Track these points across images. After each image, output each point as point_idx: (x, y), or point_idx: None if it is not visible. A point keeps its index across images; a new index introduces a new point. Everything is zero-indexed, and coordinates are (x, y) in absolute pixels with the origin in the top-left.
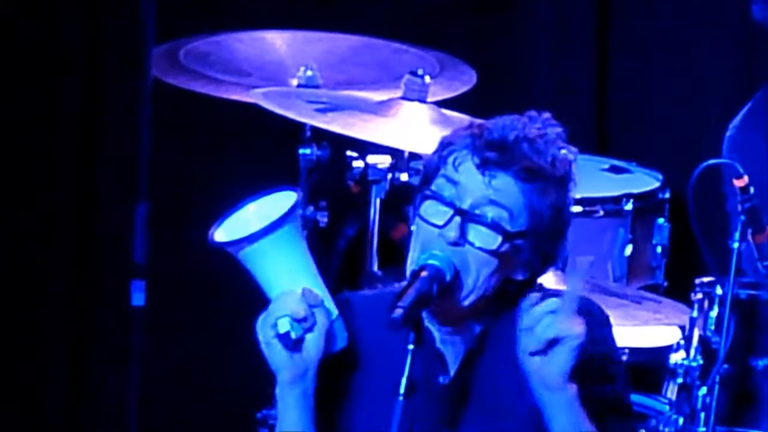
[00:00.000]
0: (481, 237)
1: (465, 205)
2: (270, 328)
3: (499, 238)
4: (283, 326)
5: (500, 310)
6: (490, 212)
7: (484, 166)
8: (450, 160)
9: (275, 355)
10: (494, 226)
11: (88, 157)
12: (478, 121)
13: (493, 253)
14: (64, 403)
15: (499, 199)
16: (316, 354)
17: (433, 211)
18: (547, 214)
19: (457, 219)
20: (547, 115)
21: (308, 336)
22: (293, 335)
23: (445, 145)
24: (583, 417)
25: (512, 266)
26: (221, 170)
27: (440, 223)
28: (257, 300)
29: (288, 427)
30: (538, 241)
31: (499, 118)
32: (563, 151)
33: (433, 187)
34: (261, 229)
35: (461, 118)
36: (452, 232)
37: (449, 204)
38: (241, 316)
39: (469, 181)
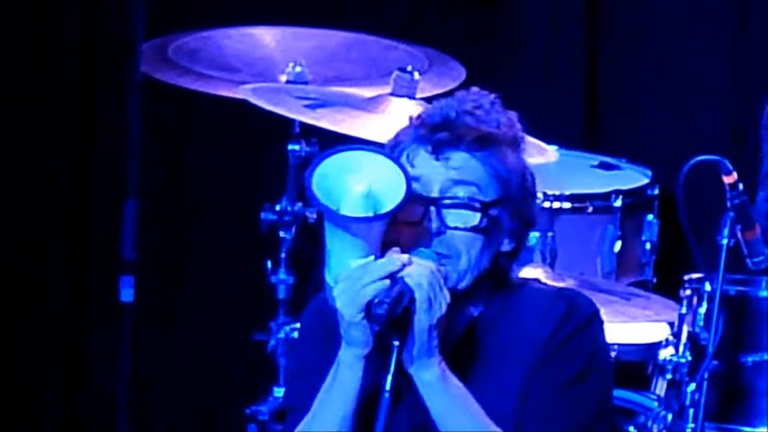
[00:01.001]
0: (460, 218)
1: (434, 194)
2: (357, 309)
3: (478, 215)
4: (378, 308)
5: (493, 289)
6: (460, 192)
7: (437, 150)
8: (402, 159)
9: (359, 333)
10: (469, 203)
11: (77, 153)
12: (416, 113)
13: (476, 229)
14: (55, 399)
15: (462, 177)
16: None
17: (405, 211)
18: (513, 176)
19: (433, 209)
20: (475, 88)
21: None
22: (383, 315)
23: (393, 146)
24: (460, 402)
25: (497, 238)
26: (210, 166)
27: (417, 219)
28: (247, 297)
29: (343, 388)
30: (512, 205)
31: (434, 102)
32: (504, 116)
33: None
34: (367, 218)
35: (421, 111)
36: (433, 223)
37: (419, 198)
38: (231, 312)
39: (429, 170)
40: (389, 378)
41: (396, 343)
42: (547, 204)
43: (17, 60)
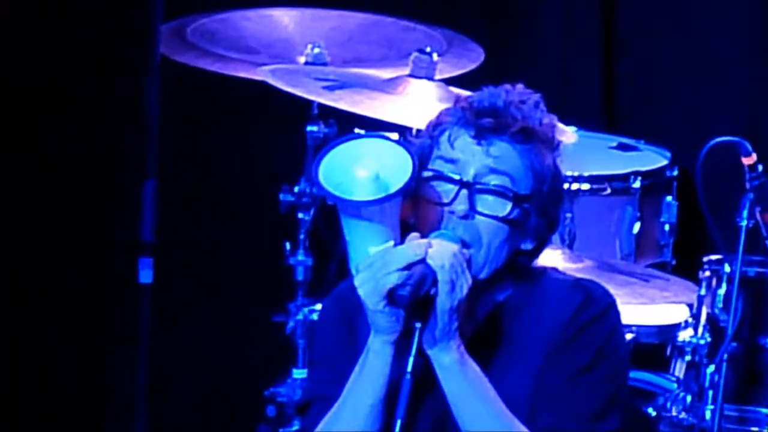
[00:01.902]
0: (490, 206)
1: (468, 178)
2: (380, 297)
3: (509, 204)
4: (401, 290)
5: (515, 283)
6: (494, 180)
7: (479, 135)
8: (443, 139)
9: (384, 320)
10: (502, 192)
11: (96, 134)
12: (463, 96)
13: (504, 219)
14: (74, 381)
15: (499, 167)
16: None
17: (435, 191)
18: (547, 175)
19: (464, 192)
20: (520, 85)
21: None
22: (405, 297)
23: (434, 126)
24: (477, 386)
25: (521, 234)
26: (229, 147)
27: (447, 200)
28: (265, 278)
29: (372, 375)
30: (542, 203)
31: (483, 89)
32: (546, 117)
33: (430, 167)
34: (375, 200)
35: (469, 95)
36: (461, 206)
37: (453, 180)
38: (250, 293)
39: (468, 153)
40: (411, 360)
41: (418, 325)
42: (565, 185)
43: (36, 42)
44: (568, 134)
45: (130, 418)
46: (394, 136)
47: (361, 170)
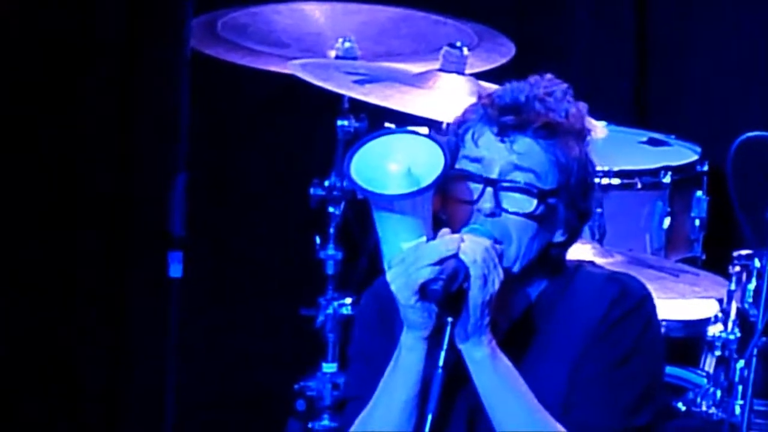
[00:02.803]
0: (516, 203)
1: (493, 175)
2: (412, 292)
3: (534, 201)
4: (433, 284)
5: (548, 276)
6: (519, 177)
7: (502, 132)
8: (468, 137)
9: (417, 316)
10: (527, 189)
11: (127, 128)
12: (486, 92)
13: (530, 216)
14: (102, 375)
15: (524, 163)
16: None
17: (461, 189)
18: (574, 167)
19: (489, 190)
20: (549, 75)
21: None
22: (438, 292)
23: (459, 124)
24: (509, 381)
25: (551, 227)
26: (259, 141)
27: (472, 199)
28: (295, 272)
29: (406, 371)
30: (570, 196)
31: (505, 85)
32: (574, 107)
33: (456, 167)
34: (408, 193)
35: (493, 90)
36: (487, 204)
37: (478, 178)
38: (280, 287)
39: (492, 151)
40: (442, 354)
41: (449, 319)
42: (595, 180)
43: (67, 35)
44: (598, 129)
45: (158, 412)
46: (424, 130)
47: (392, 165)
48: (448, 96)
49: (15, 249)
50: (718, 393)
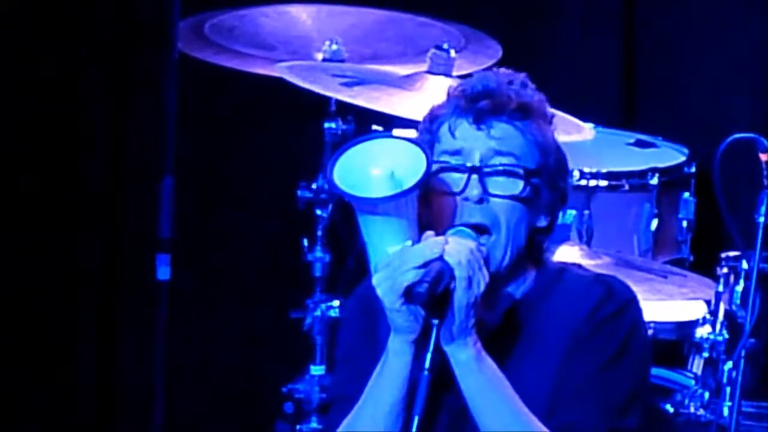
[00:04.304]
0: (502, 186)
1: (476, 163)
2: (397, 295)
3: (520, 182)
4: (418, 287)
5: (532, 272)
6: (501, 161)
7: (479, 119)
8: (443, 131)
9: (403, 319)
10: (512, 171)
11: (114, 130)
12: (453, 87)
13: (518, 198)
14: (92, 377)
15: (503, 147)
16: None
17: (445, 183)
18: (550, 147)
19: (475, 177)
20: (503, 69)
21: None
22: (423, 294)
23: (431, 121)
24: (493, 383)
25: (536, 210)
26: (246, 144)
27: (459, 188)
28: (283, 274)
29: (393, 374)
30: (551, 176)
31: (470, 77)
32: (537, 93)
33: (436, 161)
34: (391, 195)
35: (458, 84)
36: (475, 190)
37: (461, 168)
38: (268, 290)
39: (470, 140)
40: (428, 356)
41: (435, 321)
42: (583, 182)
43: (53, 38)
44: (585, 130)
45: (147, 414)
46: (411, 133)
47: (375, 169)
48: (436, 98)
49: (1, 252)
50: (706, 395)
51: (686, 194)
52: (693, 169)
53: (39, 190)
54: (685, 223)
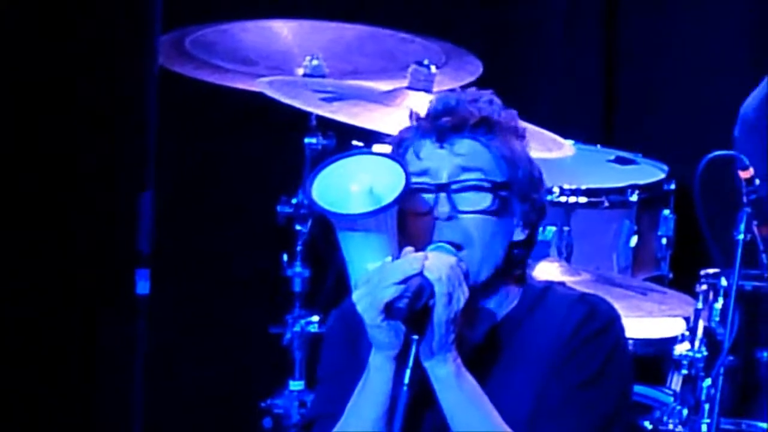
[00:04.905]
0: (471, 202)
1: (443, 180)
2: (378, 311)
3: (489, 196)
4: (398, 302)
5: (514, 289)
6: (468, 177)
7: (441, 138)
8: (409, 154)
9: (383, 336)
10: (478, 185)
11: (94, 144)
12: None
13: (488, 211)
14: (71, 390)
15: (469, 164)
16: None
17: (416, 204)
18: (519, 161)
19: (443, 195)
20: (472, 88)
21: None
22: (403, 310)
23: (397, 145)
24: (473, 399)
25: (509, 223)
26: (227, 159)
27: (428, 209)
28: (263, 289)
29: (374, 391)
30: (521, 188)
31: (432, 98)
32: (504, 110)
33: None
34: (370, 211)
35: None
36: (444, 208)
37: (429, 187)
38: (247, 304)
39: (435, 159)
40: (408, 372)
41: (415, 337)
42: (563, 198)
43: (34, 52)
44: (566, 147)
45: (126, 428)
46: (390, 149)
47: (354, 186)
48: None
49: None
50: (685, 411)
51: (666, 211)
52: (673, 186)
53: (17, 205)
54: (664, 240)
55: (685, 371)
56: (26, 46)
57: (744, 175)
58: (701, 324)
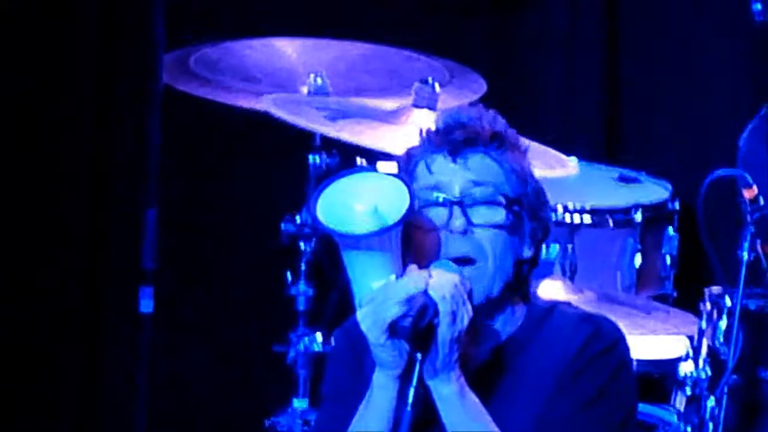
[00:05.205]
0: (485, 216)
1: (456, 195)
2: (381, 330)
3: (503, 210)
4: (402, 321)
5: (520, 309)
6: (480, 192)
7: (454, 152)
8: (419, 169)
9: (387, 354)
10: (492, 200)
11: (98, 162)
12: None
13: (502, 226)
14: (73, 409)
15: (481, 178)
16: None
17: (428, 218)
18: (528, 176)
19: (457, 209)
20: (475, 106)
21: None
22: (407, 328)
23: (408, 159)
24: (476, 418)
25: (519, 240)
26: (231, 177)
27: (442, 222)
28: (266, 308)
29: (378, 409)
30: (531, 205)
31: (440, 114)
32: (509, 129)
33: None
34: (375, 231)
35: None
36: (458, 221)
37: (443, 203)
38: (251, 323)
39: (448, 174)
40: (411, 391)
41: (418, 356)
42: (567, 217)
43: (38, 70)
44: (569, 166)
45: None
46: (395, 167)
47: (358, 205)
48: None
49: None
50: (689, 431)
51: (670, 230)
52: (677, 205)
53: (20, 223)
54: (668, 259)
55: (689, 390)
56: (28, 64)
57: (748, 193)
58: (705, 343)
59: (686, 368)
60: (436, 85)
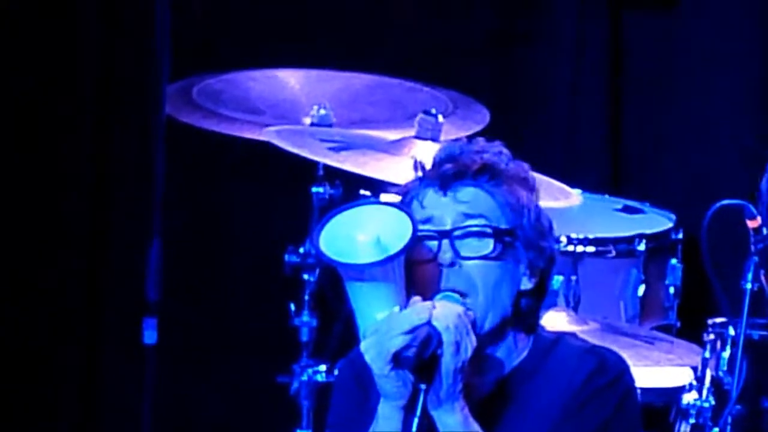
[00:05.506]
0: (473, 248)
1: (446, 227)
2: (385, 361)
3: (490, 241)
4: (406, 352)
5: (525, 340)
6: (471, 224)
7: (444, 185)
8: (414, 205)
9: (391, 385)
10: (481, 232)
11: (101, 194)
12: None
13: (490, 257)
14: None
15: (472, 210)
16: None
17: (421, 252)
18: (525, 209)
19: (446, 241)
20: (481, 139)
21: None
22: (411, 359)
23: (403, 197)
24: None
25: (515, 271)
26: (234, 208)
27: (431, 255)
28: (270, 339)
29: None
30: (527, 235)
31: (439, 147)
32: (513, 161)
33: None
34: (378, 261)
35: None
36: (447, 254)
37: (432, 235)
38: (254, 354)
39: (438, 207)
40: (415, 421)
41: (422, 386)
42: (570, 248)
43: (41, 100)
44: (573, 196)
45: None
46: (398, 198)
47: (361, 236)
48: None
49: None
50: None
51: (673, 260)
52: (680, 236)
53: (24, 253)
54: (672, 290)
55: (692, 420)
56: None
57: (752, 224)
58: (709, 373)
59: (690, 398)
60: (440, 116)
